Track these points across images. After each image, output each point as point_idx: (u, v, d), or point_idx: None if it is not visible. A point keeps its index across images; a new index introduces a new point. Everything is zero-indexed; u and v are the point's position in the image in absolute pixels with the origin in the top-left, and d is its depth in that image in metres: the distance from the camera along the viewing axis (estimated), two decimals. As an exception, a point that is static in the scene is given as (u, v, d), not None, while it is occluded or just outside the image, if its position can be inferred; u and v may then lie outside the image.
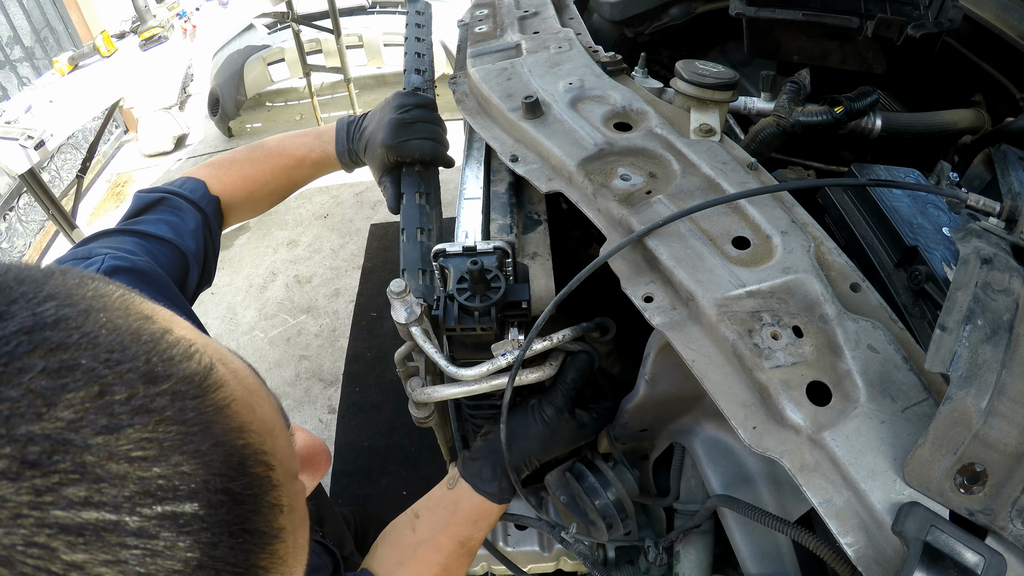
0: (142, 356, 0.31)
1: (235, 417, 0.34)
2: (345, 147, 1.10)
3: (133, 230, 0.91)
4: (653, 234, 0.75)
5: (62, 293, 0.32)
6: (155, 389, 0.31)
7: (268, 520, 0.34)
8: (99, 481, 0.27)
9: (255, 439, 0.35)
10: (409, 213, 0.97)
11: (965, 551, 0.50)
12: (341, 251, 3.41)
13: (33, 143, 2.22)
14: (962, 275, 0.61)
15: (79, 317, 0.31)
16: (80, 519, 0.27)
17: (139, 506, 0.28)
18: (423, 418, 0.88)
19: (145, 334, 0.33)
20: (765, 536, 0.83)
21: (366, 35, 4.33)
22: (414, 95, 1.08)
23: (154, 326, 0.34)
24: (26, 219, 3.61)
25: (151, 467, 0.29)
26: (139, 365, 0.31)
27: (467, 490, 0.90)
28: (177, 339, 0.34)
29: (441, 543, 0.90)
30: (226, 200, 1.08)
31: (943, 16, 1.14)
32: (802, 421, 0.59)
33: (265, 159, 1.11)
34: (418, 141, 1.02)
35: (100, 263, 0.78)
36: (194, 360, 0.34)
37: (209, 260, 1.01)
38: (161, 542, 0.29)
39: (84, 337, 0.30)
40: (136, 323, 0.33)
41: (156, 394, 0.31)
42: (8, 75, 3.59)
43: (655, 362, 0.79)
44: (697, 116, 0.92)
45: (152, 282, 0.82)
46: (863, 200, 0.96)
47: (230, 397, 0.34)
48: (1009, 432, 0.52)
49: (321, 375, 2.76)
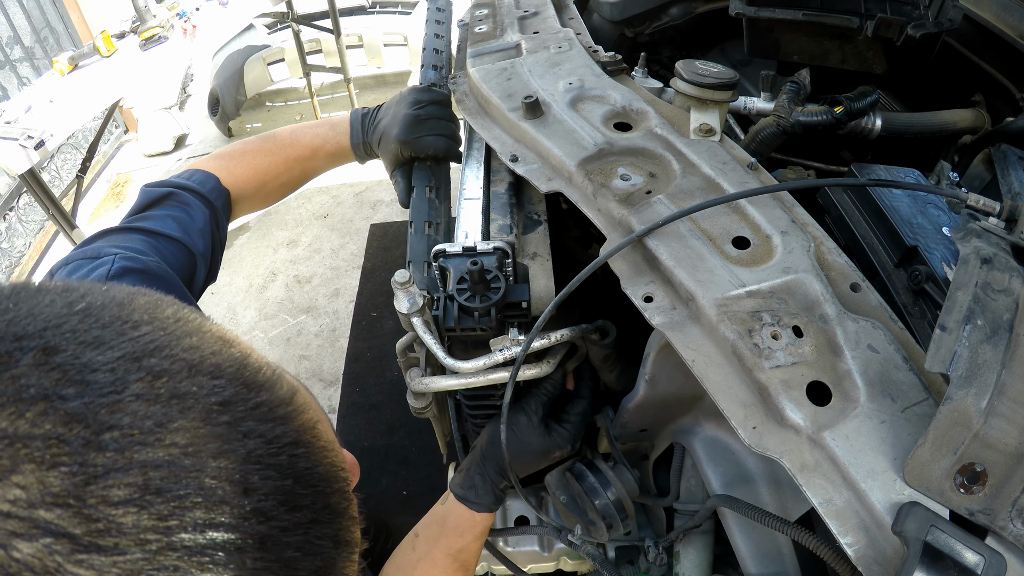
0: (238, 381, 0.32)
1: (322, 436, 0.36)
2: (360, 139, 1.10)
3: (141, 228, 0.88)
4: (653, 234, 0.75)
5: (149, 318, 0.33)
6: (256, 413, 0.32)
7: (352, 531, 0.36)
8: (221, 503, 0.28)
9: (336, 457, 0.37)
10: (418, 206, 0.98)
11: (965, 551, 0.50)
12: (341, 251, 3.41)
13: (33, 143, 2.22)
14: (962, 275, 0.61)
15: (173, 344, 0.32)
16: (205, 540, 0.28)
17: (259, 523, 0.29)
18: (421, 408, 0.88)
19: (232, 359, 0.34)
20: (765, 536, 0.83)
21: (366, 35, 4.34)
22: (429, 91, 1.08)
23: (236, 351, 0.35)
24: (26, 219, 3.61)
25: (262, 485, 0.30)
26: (239, 391, 0.32)
27: (452, 501, 0.91)
28: (259, 363, 0.35)
29: (436, 558, 0.91)
30: (236, 192, 1.05)
31: (943, 16, 1.14)
32: (802, 421, 0.59)
33: (278, 150, 1.09)
34: (432, 138, 1.03)
35: (110, 264, 0.77)
36: (281, 384, 0.35)
37: (216, 257, 1.00)
38: (278, 555, 0.30)
39: (182, 363, 0.31)
40: (220, 347, 0.34)
41: (258, 418, 0.32)
42: (8, 75, 3.59)
43: (655, 362, 0.79)
44: (697, 116, 0.92)
45: (163, 283, 0.81)
46: (863, 200, 0.96)
47: (315, 418, 0.36)
48: (1009, 432, 0.52)
49: (321, 375, 2.76)
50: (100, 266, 0.77)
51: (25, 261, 3.51)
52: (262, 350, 2.70)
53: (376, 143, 1.08)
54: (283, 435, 0.32)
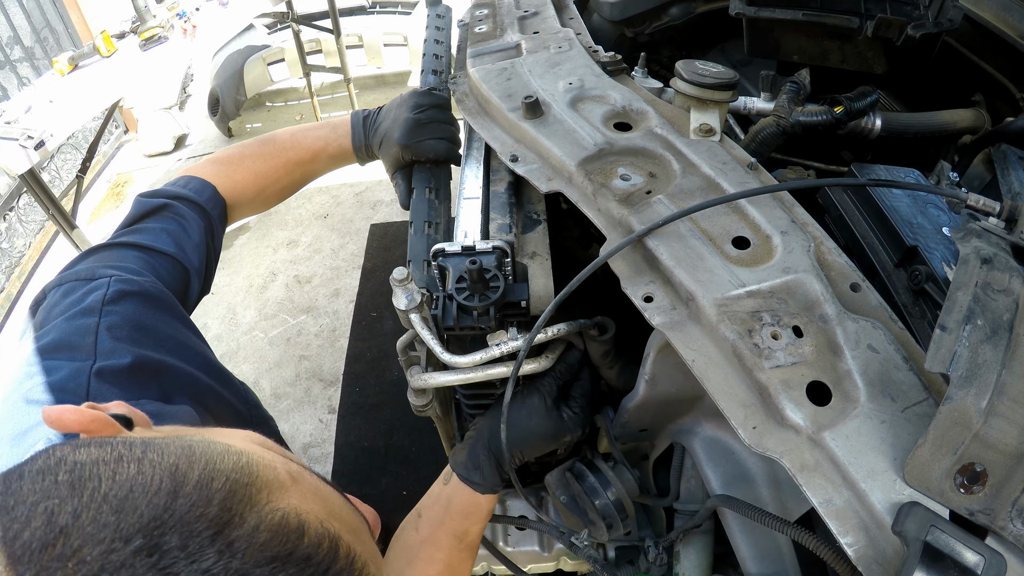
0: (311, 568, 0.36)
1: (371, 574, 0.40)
2: (361, 141, 1.10)
3: (135, 243, 0.87)
4: (653, 234, 0.75)
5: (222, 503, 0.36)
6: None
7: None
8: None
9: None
10: (418, 207, 0.99)
11: (965, 551, 0.50)
12: (341, 251, 3.41)
13: (33, 143, 2.22)
14: (962, 275, 0.61)
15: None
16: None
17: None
18: (421, 406, 0.88)
19: (294, 535, 0.36)
20: (765, 536, 0.83)
21: (366, 35, 4.34)
22: (430, 95, 1.08)
23: (292, 523, 0.37)
24: (26, 219, 3.61)
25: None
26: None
27: (456, 482, 0.91)
28: (316, 533, 0.37)
29: (440, 540, 0.90)
30: (235, 198, 1.04)
31: (943, 16, 1.14)
32: (802, 421, 0.59)
33: (277, 153, 1.08)
34: (432, 141, 1.03)
35: (106, 288, 0.76)
36: (331, 548, 0.38)
37: (210, 269, 0.99)
38: None
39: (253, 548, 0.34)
40: (281, 518, 0.37)
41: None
42: (8, 75, 3.59)
43: (655, 362, 0.79)
44: (697, 116, 0.92)
45: (159, 304, 0.81)
46: (863, 200, 0.96)
47: (361, 560, 0.39)
48: (1009, 432, 0.52)
49: (321, 375, 2.76)
50: (95, 290, 0.76)
51: (25, 261, 3.51)
52: (262, 350, 2.68)
53: (377, 145, 1.08)
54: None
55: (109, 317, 0.74)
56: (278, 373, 2.79)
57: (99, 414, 0.43)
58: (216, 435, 0.41)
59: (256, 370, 2.81)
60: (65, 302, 0.76)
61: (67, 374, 0.68)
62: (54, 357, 0.70)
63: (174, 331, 0.81)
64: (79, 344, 0.71)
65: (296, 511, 0.36)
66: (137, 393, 0.70)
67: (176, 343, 0.80)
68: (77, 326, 0.72)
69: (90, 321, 0.73)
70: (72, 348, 0.70)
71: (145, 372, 0.73)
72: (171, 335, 0.80)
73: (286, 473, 0.39)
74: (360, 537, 0.41)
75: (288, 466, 0.40)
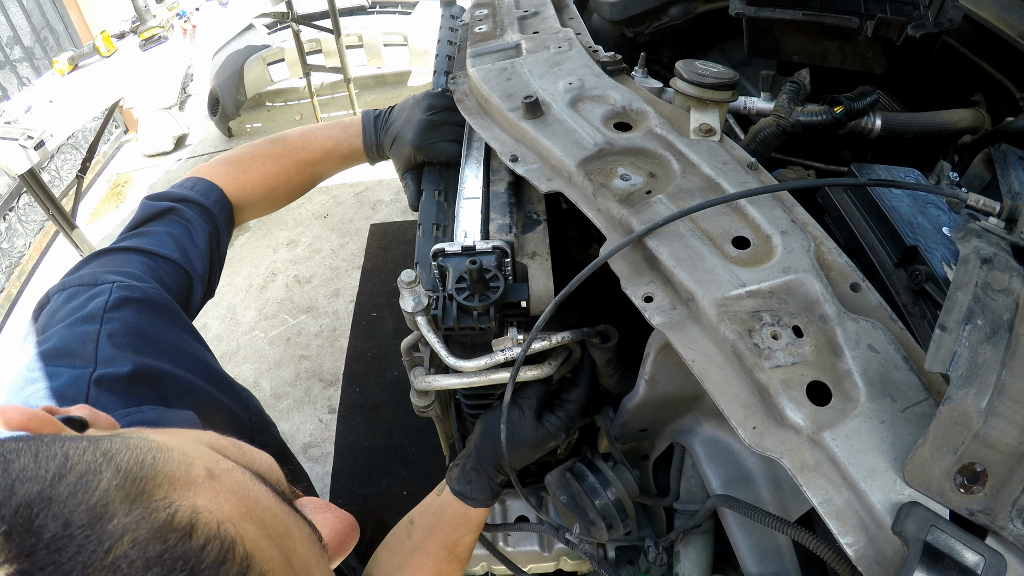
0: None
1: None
2: (373, 141, 1.09)
3: (138, 248, 0.87)
4: (653, 234, 0.75)
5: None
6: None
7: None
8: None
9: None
10: (427, 209, 0.99)
11: (965, 551, 0.50)
12: (341, 251, 3.41)
13: (33, 143, 2.22)
14: (962, 275, 0.61)
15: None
16: None
17: None
18: (423, 407, 0.89)
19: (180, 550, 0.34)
20: (765, 536, 0.83)
21: (366, 35, 4.34)
22: (444, 97, 1.08)
23: (191, 544, 0.35)
24: (26, 219, 3.61)
25: None
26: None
27: (448, 494, 0.92)
28: (207, 534, 0.35)
29: (431, 548, 0.91)
30: (243, 200, 1.04)
31: (943, 16, 1.14)
32: (802, 421, 0.59)
33: (288, 153, 1.08)
34: (445, 143, 1.03)
35: (108, 294, 0.76)
36: (221, 551, 0.35)
37: (215, 273, 0.98)
38: None
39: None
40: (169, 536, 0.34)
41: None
42: (8, 75, 3.59)
43: (655, 362, 0.79)
44: (697, 116, 0.92)
45: (161, 311, 0.80)
46: (863, 200, 0.96)
47: (265, 567, 0.36)
48: (1009, 432, 0.52)
49: (321, 375, 2.76)
50: (97, 296, 0.76)
51: (25, 261, 3.51)
52: (262, 350, 2.69)
53: (388, 145, 1.08)
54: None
55: (110, 324, 0.74)
56: (278, 373, 2.79)
57: (40, 413, 0.43)
58: (158, 434, 0.40)
59: (256, 370, 2.81)
60: (67, 307, 0.76)
61: (67, 381, 0.68)
62: (55, 363, 0.69)
63: (176, 338, 0.81)
64: (79, 351, 0.71)
65: (193, 509, 0.35)
66: (137, 401, 0.70)
67: (177, 350, 0.80)
68: (78, 333, 0.72)
69: (91, 328, 0.72)
70: (72, 355, 0.70)
71: (145, 380, 0.72)
72: (172, 342, 0.80)
73: (203, 471, 0.37)
74: (286, 544, 0.39)
75: (215, 464, 0.39)
